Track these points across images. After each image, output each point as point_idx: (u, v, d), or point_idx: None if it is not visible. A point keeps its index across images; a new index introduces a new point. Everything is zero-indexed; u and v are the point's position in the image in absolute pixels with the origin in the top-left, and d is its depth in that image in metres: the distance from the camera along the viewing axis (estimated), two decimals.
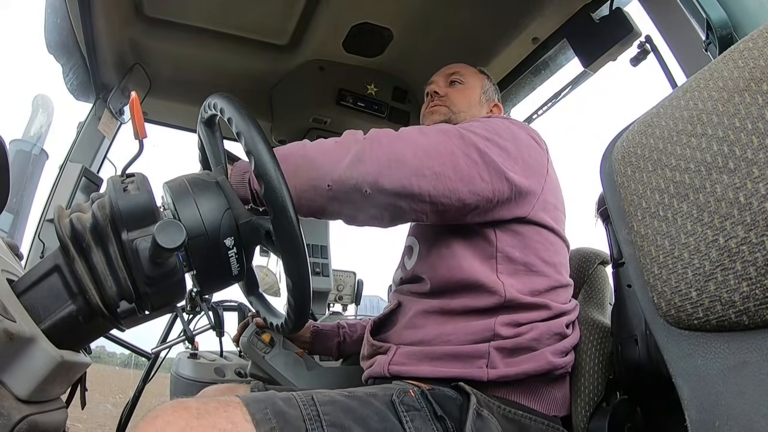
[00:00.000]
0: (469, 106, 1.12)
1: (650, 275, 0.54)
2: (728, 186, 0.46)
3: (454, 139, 0.82)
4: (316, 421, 0.62)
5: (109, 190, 0.61)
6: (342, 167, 0.75)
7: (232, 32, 1.54)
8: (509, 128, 0.90)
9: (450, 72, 1.16)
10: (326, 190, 0.76)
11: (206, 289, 0.71)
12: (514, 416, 0.78)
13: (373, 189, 0.75)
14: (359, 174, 0.75)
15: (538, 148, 0.93)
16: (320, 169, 0.76)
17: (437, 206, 0.80)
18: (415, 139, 0.80)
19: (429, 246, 0.94)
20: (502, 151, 0.84)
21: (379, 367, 0.88)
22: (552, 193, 0.93)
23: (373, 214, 0.81)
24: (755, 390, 0.43)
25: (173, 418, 0.55)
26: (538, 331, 0.82)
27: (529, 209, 0.88)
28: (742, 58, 0.48)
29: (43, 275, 0.60)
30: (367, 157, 0.76)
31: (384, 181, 0.75)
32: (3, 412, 0.50)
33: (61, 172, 1.51)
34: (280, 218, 0.62)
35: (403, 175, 0.76)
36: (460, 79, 1.15)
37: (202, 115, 0.76)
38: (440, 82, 1.16)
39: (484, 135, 0.84)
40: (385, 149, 0.77)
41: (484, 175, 0.81)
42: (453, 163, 0.79)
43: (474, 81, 1.16)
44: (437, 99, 1.13)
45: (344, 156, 0.76)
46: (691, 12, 0.80)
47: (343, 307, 2.02)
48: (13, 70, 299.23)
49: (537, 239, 0.89)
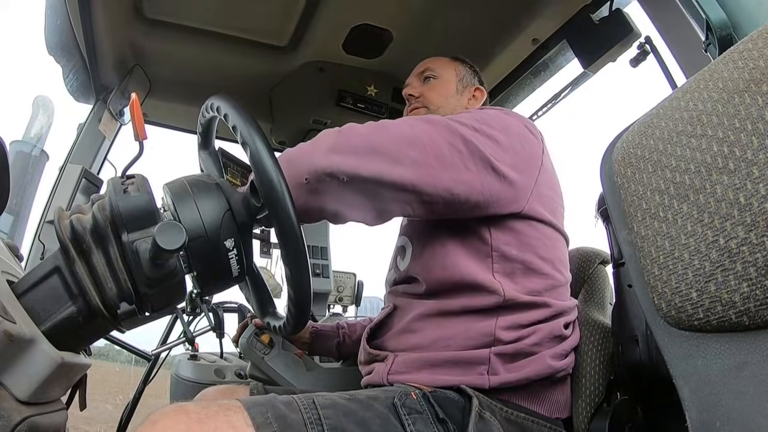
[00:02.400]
0: (446, 99, 1.11)
1: (650, 276, 0.54)
2: (728, 187, 0.46)
3: (439, 128, 0.80)
4: (317, 424, 0.61)
5: (110, 191, 0.60)
6: (317, 158, 0.74)
7: (232, 33, 1.54)
8: (501, 118, 0.88)
9: (421, 70, 1.15)
10: (304, 184, 0.74)
11: (206, 290, 0.71)
12: (516, 419, 0.78)
13: (350, 177, 0.73)
14: (335, 162, 0.73)
15: (532, 138, 0.90)
16: (297, 166, 0.75)
17: (422, 196, 0.77)
18: (398, 128, 0.78)
19: (422, 245, 0.92)
20: (490, 141, 0.82)
21: (377, 376, 0.86)
22: (547, 185, 0.91)
23: (356, 206, 0.79)
24: (756, 390, 0.43)
25: (173, 422, 0.55)
26: (539, 335, 0.82)
27: (523, 203, 0.86)
28: (742, 59, 0.48)
29: (44, 276, 0.60)
30: (343, 146, 0.75)
31: (360, 169, 0.73)
32: (3, 414, 0.50)
33: (62, 173, 1.51)
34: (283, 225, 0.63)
35: (381, 163, 0.74)
36: (432, 74, 1.13)
37: (203, 116, 0.76)
38: (414, 83, 1.14)
39: (472, 125, 0.82)
40: (362, 138, 0.76)
41: (469, 164, 0.79)
42: (436, 151, 0.77)
43: (446, 72, 1.14)
44: (414, 101, 1.12)
45: (319, 148, 0.76)
46: (690, 13, 0.80)
47: (343, 308, 2.02)
48: (13, 71, 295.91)
49: (533, 235, 0.87)
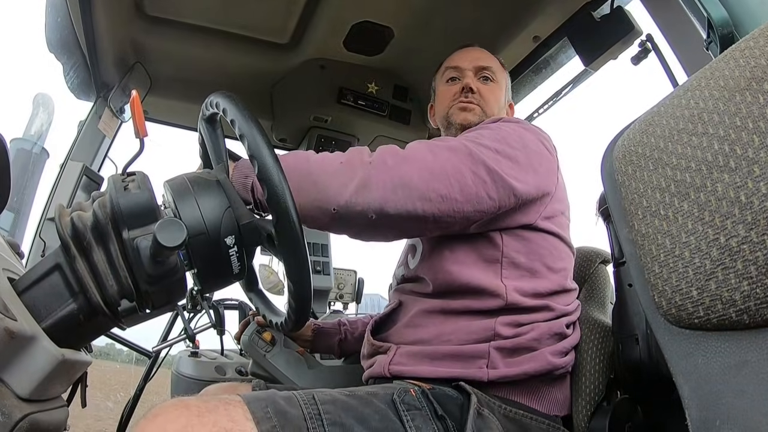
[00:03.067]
0: (499, 108, 1.09)
1: (651, 274, 0.54)
2: (729, 185, 0.46)
3: (462, 157, 0.80)
4: (317, 420, 0.62)
5: (110, 188, 0.60)
6: (348, 193, 0.75)
7: (232, 31, 1.54)
8: (520, 136, 0.88)
9: (481, 66, 1.09)
10: (331, 212, 0.75)
11: (207, 287, 0.71)
12: (515, 416, 0.78)
13: (378, 215, 0.75)
14: (365, 201, 0.75)
15: (548, 155, 0.92)
16: (325, 192, 0.75)
17: (440, 224, 0.80)
18: (423, 159, 0.79)
19: (432, 247, 0.93)
20: (512, 163, 0.84)
21: (379, 367, 0.88)
22: (559, 200, 0.93)
23: (377, 235, 0.82)
24: (756, 389, 0.43)
25: (174, 416, 0.55)
26: (538, 331, 0.82)
27: (536, 217, 0.88)
28: (743, 57, 0.48)
29: (44, 274, 0.60)
30: (374, 182, 0.75)
31: (389, 207, 0.75)
32: (4, 411, 0.50)
33: (62, 170, 1.51)
34: (283, 223, 0.62)
35: (408, 200, 0.76)
36: (491, 76, 1.09)
37: (203, 114, 0.76)
38: (471, 76, 1.08)
39: (495, 147, 0.83)
40: (390, 173, 0.76)
41: (492, 193, 0.81)
42: (461, 183, 0.78)
43: (501, 79, 1.12)
44: (471, 96, 1.06)
45: (350, 180, 0.75)
46: (692, 10, 0.80)
47: (343, 305, 2.02)
48: (13, 68, 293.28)
49: (543, 245, 0.89)
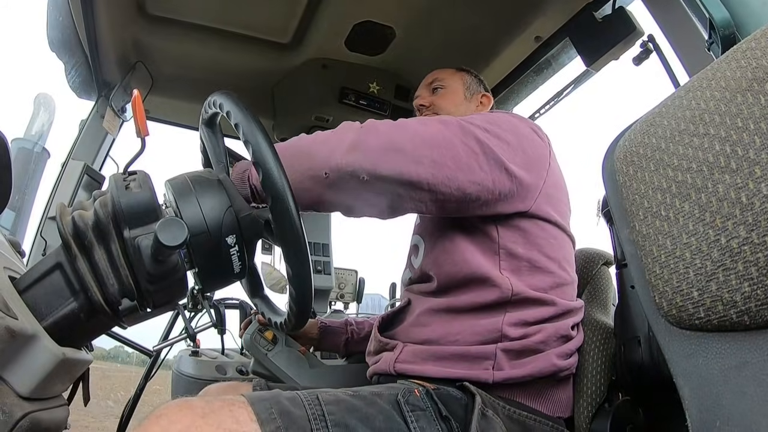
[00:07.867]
0: (455, 106, 1.15)
1: (652, 275, 0.54)
2: (730, 186, 0.46)
3: (453, 129, 0.82)
4: (321, 420, 0.62)
5: (111, 187, 0.61)
6: (339, 154, 0.76)
7: (234, 30, 1.54)
8: (510, 121, 0.91)
9: (429, 81, 1.19)
10: (323, 178, 0.76)
11: (208, 286, 0.71)
12: (518, 417, 0.78)
13: (370, 175, 0.76)
14: (356, 160, 0.76)
15: (540, 140, 0.93)
16: (316, 158, 0.77)
17: (436, 194, 0.80)
18: (414, 128, 0.80)
19: (433, 242, 0.94)
20: (501, 143, 0.85)
21: (385, 364, 0.88)
22: (555, 186, 0.93)
23: (372, 203, 0.81)
24: (756, 390, 0.43)
25: (178, 417, 0.55)
26: (545, 333, 0.82)
27: (531, 203, 0.88)
28: (745, 58, 0.48)
29: (45, 272, 0.60)
30: (364, 144, 0.77)
31: (382, 168, 0.76)
32: (5, 410, 0.50)
33: (63, 169, 1.52)
34: (279, 204, 0.62)
35: (401, 163, 0.77)
36: (440, 85, 1.17)
37: (204, 113, 0.76)
38: (424, 94, 1.19)
39: (484, 126, 0.85)
40: (382, 137, 0.78)
41: (483, 165, 0.81)
42: (452, 152, 0.80)
43: (454, 81, 1.18)
44: (425, 111, 1.16)
45: (341, 144, 0.77)
46: (693, 11, 0.80)
47: (344, 305, 2.02)
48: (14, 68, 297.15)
49: (540, 234, 0.89)
